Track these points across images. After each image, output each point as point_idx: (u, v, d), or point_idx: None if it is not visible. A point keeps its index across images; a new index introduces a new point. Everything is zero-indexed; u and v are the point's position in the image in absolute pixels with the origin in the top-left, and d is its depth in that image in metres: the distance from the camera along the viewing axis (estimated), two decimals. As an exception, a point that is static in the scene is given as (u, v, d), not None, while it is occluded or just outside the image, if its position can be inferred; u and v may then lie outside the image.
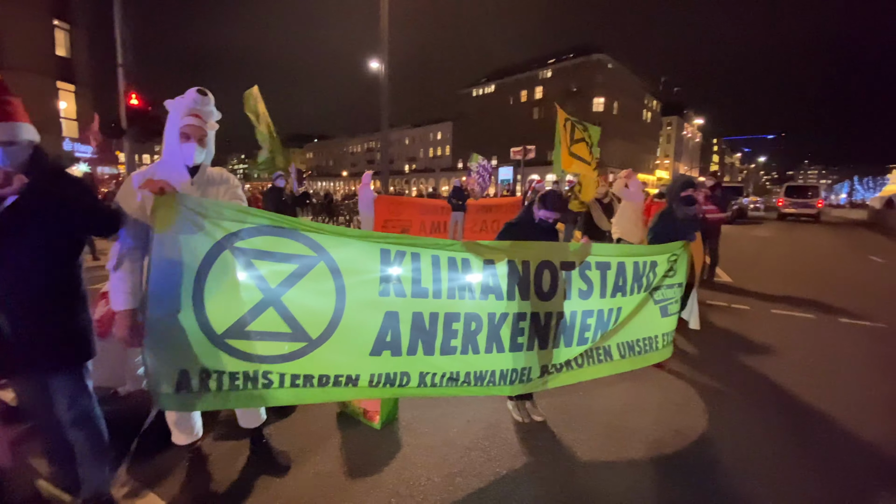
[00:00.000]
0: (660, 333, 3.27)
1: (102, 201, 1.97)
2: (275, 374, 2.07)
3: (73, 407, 1.94)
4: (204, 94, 2.14)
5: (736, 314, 5.80)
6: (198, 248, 1.93)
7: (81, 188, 1.92)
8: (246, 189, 16.14)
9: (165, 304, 1.91)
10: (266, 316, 2.03)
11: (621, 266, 3.04)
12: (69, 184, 1.86)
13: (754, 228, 19.09)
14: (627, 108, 54.24)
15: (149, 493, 2.25)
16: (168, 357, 1.95)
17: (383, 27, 14.17)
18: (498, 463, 2.59)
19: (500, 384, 2.61)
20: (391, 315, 2.26)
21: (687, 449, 2.78)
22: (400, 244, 2.30)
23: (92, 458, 2.01)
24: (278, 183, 8.26)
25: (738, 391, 3.59)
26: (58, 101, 19.84)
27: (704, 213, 7.40)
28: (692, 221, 3.78)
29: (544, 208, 2.84)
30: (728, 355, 4.37)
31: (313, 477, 2.42)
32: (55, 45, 19.70)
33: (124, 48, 8.56)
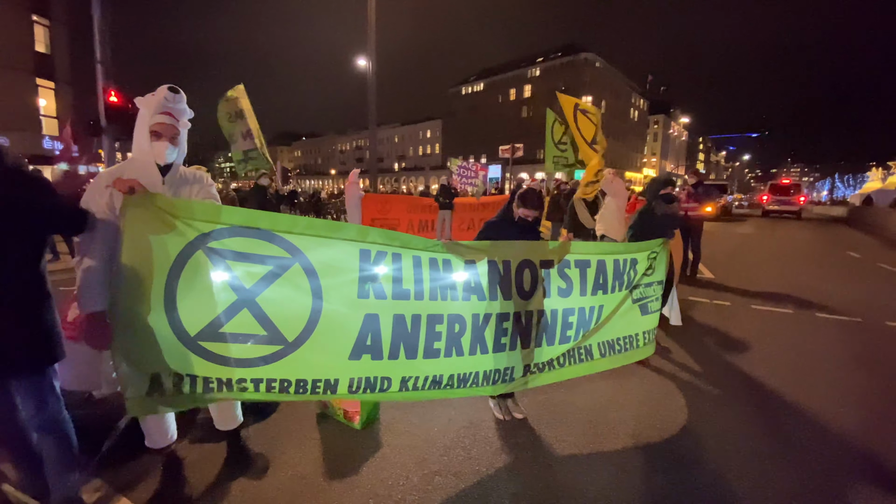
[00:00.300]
0: (640, 332, 3.31)
1: (64, 200, 1.90)
2: (249, 382, 2.03)
3: (41, 411, 1.89)
4: (176, 91, 2.10)
5: (717, 310, 5.89)
6: (169, 248, 1.90)
7: (40, 187, 1.86)
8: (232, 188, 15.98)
9: (135, 306, 1.88)
10: (240, 318, 1.99)
11: (601, 264, 3.06)
12: (27, 183, 1.80)
13: (738, 226, 19.42)
14: (615, 106, 54.72)
15: (121, 498, 2.20)
16: (139, 360, 1.92)
17: (370, 24, 14.08)
18: (477, 461, 2.60)
19: (483, 385, 2.61)
20: (371, 317, 2.22)
21: (666, 444, 2.82)
22: (381, 244, 2.27)
23: (60, 462, 1.97)
24: (262, 181, 8.16)
25: (717, 386, 3.65)
26: (37, 99, 19.37)
27: (686, 210, 7.53)
28: (671, 219, 3.83)
29: (524, 207, 2.84)
30: (708, 351, 4.43)
31: (290, 479, 2.40)
32: (34, 41, 19.20)
33: (103, 45, 8.37)
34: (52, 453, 1.95)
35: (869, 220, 20.08)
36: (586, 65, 51.12)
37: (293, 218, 2.09)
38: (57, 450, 1.95)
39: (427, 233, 9.97)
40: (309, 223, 2.10)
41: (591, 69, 51.45)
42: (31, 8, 18.79)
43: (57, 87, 20.25)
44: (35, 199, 1.77)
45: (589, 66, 51.29)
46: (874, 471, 2.60)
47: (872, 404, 3.37)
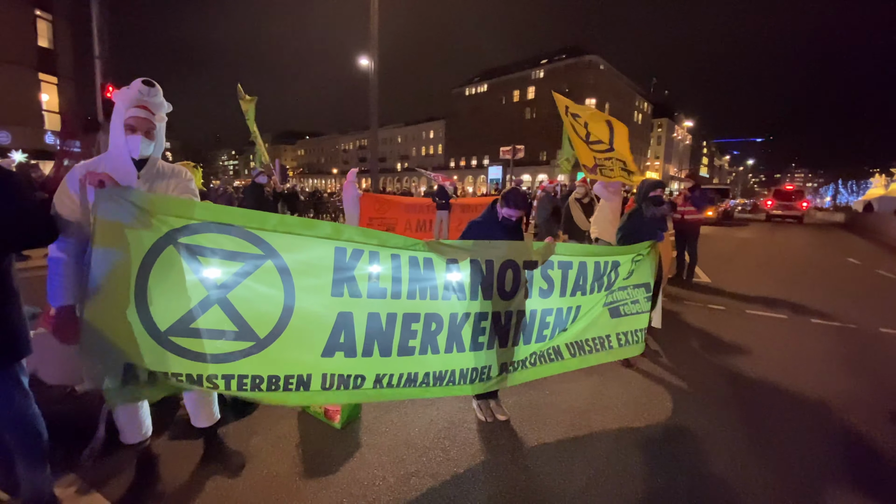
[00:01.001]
0: (613, 333, 3.26)
1: (34, 206, 1.84)
2: (220, 379, 2.01)
3: (9, 406, 1.88)
4: (151, 85, 2.09)
5: (711, 314, 5.85)
6: (141, 242, 1.88)
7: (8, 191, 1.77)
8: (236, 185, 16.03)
9: (106, 300, 1.86)
10: (211, 313, 1.97)
11: (582, 265, 3.03)
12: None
13: (739, 230, 19.34)
14: (618, 109, 54.56)
15: (94, 493, 2.19)
16: (109, 354, 1.90)
17: (373, 23, 14.08)
18: (455, 463, 2.57)
19: (459, 384, 2.59)
20: (345, 315, 2.20)
21: (648, 447, 2.79)
22: (357, 243, 2.25)
23: (30, 458, 1.95)
24: (259, 179, 8.17)
25: (703, 390, 3.61)
26: (40, 94, 19.46)
27: (683, 213, 7.50)
28: (659, 221, 3.81)
29: (507, 206, 2.82)
30: (698, 355, 4.40)
31: (265, 477, 2.38)
32: (37, 35, 19.27)
33: (102, 40, 8.39)
34: (22, 449, 1.93)
35: (869, 227, 20.00)
36: (590, 67, 51.05)
37: (265, 215, 2.06)
38: (26, 446, 1.94)
39: (424, 233, 9.95)
40: (281, 220, 2.08)
41: (595, 71, 51.37)
42: (34, 2, 18.88)
43: (59, 81, 20.33)
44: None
45: (593, 68, 51.22)
46: (857, 475, 2.56)
47: (858, 410, 3.33)
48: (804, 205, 25.24)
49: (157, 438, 2.52)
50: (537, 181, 46.04)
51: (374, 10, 13.87)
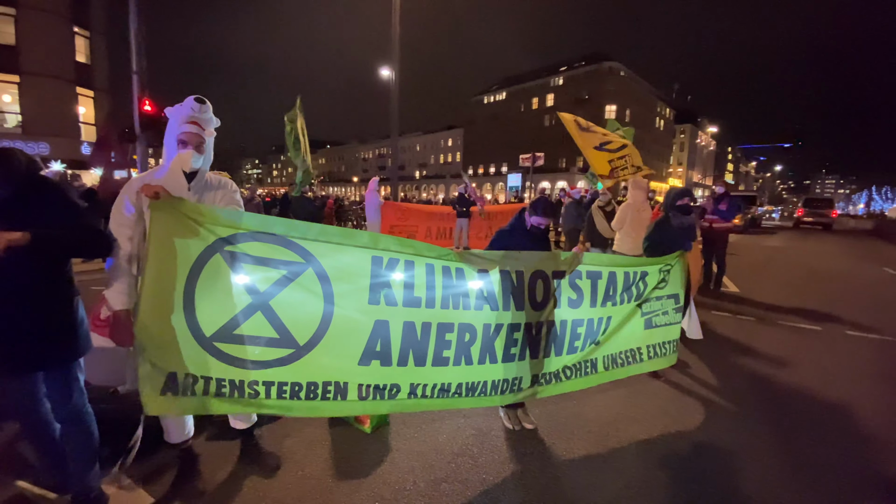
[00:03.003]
0: (644, 345, 3.25)
1: (91, 221, 1.93)
2: (261, 385, 2.08)
3: (66, 403, 2.00)
4: (202, 102, 2.21)
5: (740, 325, 5.72)
6: (190, 251, 1.99)
7: (66, 208, 1.88)
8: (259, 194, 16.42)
9: (157, 305, 1.97)
10: (254, 320, 2.06)
11: (612, 276, 3.04)
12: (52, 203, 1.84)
13: (767, 238, 18.79)
14: (640, 115, 53.91)
15: (139, 490, 2.30)
16: (158, 357, 2.00)
17: (394, 34, 14.36)
18: (484, 470, 2.59)
19: (491, 395, 2.62)
20: (381, 324, 2.26)
21: (677, 460, 2.75)
22: (393, 252, 2.31)
23: (82, 454, 2.06)
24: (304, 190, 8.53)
25: (734, 403, 3.54)
26: (77, 106, 20.41)
27: (711, 222, 7.34)
28: (687, 230, 3.76)
29: (536, 215, 2.85)
30: (728, 366, 4.31)
31: (300, 478, 2.45)
32: (75, 51, 20.28)
33: (139, 56, 8.81)
34: (74, 445, 2.05)
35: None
36: (610, 73, 50.67)
37: (308, 224, 2.15)
38: (79, 442, 2.05)
39: (444, 240, 10.02)
40: (322, 229, 2.17)
41: (616, 78, 50.95)
42: (73, 19, 19.88)
43: (95, 95, 21.30)
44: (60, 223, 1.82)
45: (613, 74, 50.83)
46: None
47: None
48: (833, 214, 26.97)
49: (197, 438, 2.61)
50: (556, 188, 45.79)
51: (396, 20, 14.15)
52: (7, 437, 2.65)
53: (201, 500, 2.26)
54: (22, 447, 2.54)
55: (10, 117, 18.54)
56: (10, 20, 18.00)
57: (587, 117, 7.45)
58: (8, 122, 18.45)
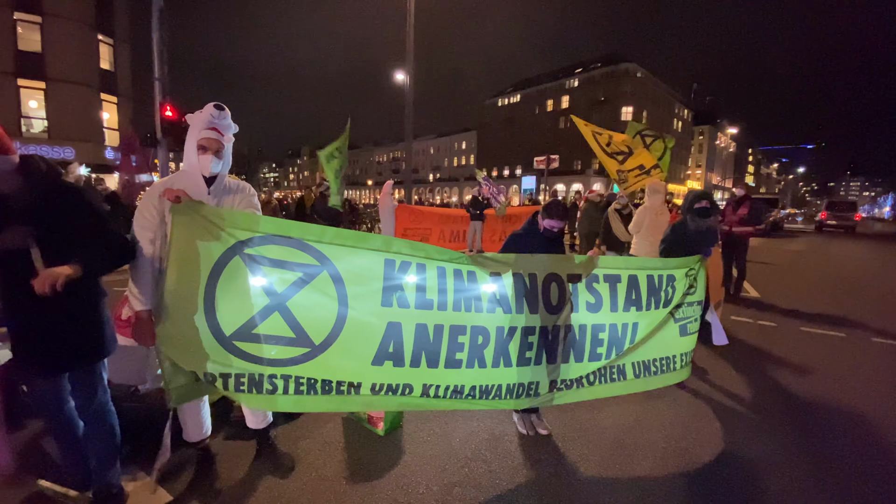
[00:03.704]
0: (678, 353, 3.16)
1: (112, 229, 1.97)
2: (279, 379, 2.14)
3: (90, 402, 2.05)
4: (221, 108, 2.25)
5: (761, 331, 5.58)
6: (211, 253, 2.04)
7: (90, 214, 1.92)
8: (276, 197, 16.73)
9: (178, 306, 2.02)
10: (272, 320, 2.10)
11: (633, 279, 2.97)
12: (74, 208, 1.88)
13: (789, 242, 18.32)
14: (657, 117, 53.23)
15: (157, 488, 2.34)
16: (180, 356, 2.05)
17: (409, 41, 14.47)
18: (498, 475, 2.58)
19: (506, 398, 2.59)
20: (394, 325, 2.28)
21: (695, 469, 2.70)
22: (405, 255, 2.33)
23: (104, 452, 2.12)
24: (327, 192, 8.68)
25: (755, 412, 3.45)
26: (101, 112, 21.05)
27: (731, 226, 7.15)
28: (706, 234, 3.68)
29: (549, 217, 2.83)
30: (749, 374, 4.20)
31: (314, 480, 2.47)
32: (100, 58, 20.94)
33: (161, 63, 9.06)
34: (97, 443, 2.10)
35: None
36: (627, 75, 50.17)
37: (322, 228, 2.19)
38: (101, 440, 2.11)
39: (458, 243, 10.02)
40: (337, 233, 2.19)
41: (633, 79, 50.41)
42: (97, 27, 20.56)
43: (119, 101, 21.95)
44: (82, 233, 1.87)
45: (630, 76, 50.31)
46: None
47: (935, 440, 3.09)
48: (856, 217, 27.13)
49: (214, 437, 2.66)
50: (571, 191, 45.41)
51: (411, 26, 14.25)
52: (29, 434, 2.74)
53: (218, 498, 2.30)
54: (44, 444, 2.62)
55: (37, 122, 19.21)
56: (36, 28, 18.71)
57: (603, 119, 7.42)
58: (35, 127, 19.12)
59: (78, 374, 2.00)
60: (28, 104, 19.02)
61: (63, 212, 1.86)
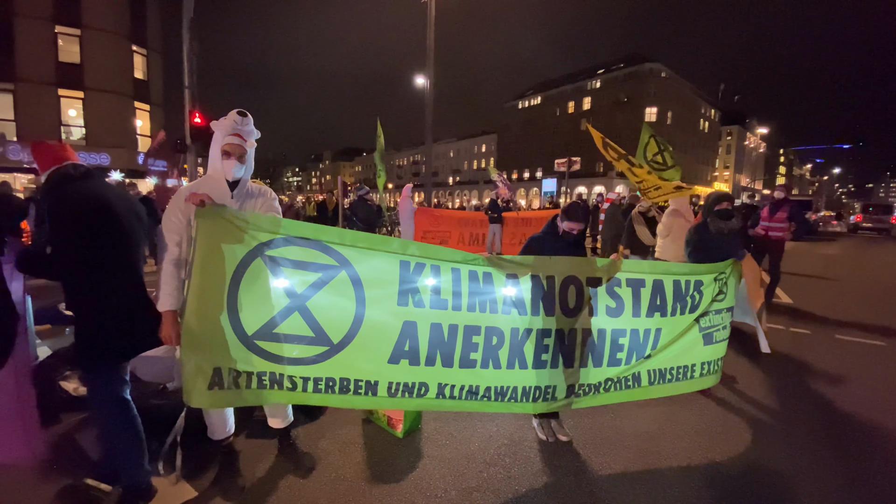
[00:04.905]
0: (698, 362, 3.07)
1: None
2: (298, 379, 2.18)
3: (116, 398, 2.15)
4: (244, 115, 2.32)
5: (794, 338, 5.36)
6: (234, 254, 2.09)
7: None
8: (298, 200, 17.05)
9: (203, 306, 2.08)
10: (292, 320, 2.15)
11: (658, 284, 2.90)
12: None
13: (824, 245, 17.58)
14: (682, 117, 52.05)
15: (184, 483, 2.40)
16: (203, 355, 2.10)
17: (430, 46, 14.58)
18: (517, 481, 2.55)
19: (522, 401, 2.57)
20: (409, 325, 2.31)
21: (722, 480, 2.60)
22: (420, 257, 2.35)
23: (129, 449, 2.19)
24: (365, 195, 9.06)
25: (786, 422, 3.31)
26: (135, 120, 21.95)
27: (767, 230, 6.85)
28: (728, 237, 3.56)
29: (568, 220, 2.79)
30: (780, 382, 4.04)
31: (334, 480, 2.49)
32: (133, 68, 21.86)
33: (190, 72, 9.38)
34: (122, 441, 2.18)
35: None
36: (651, 75, 49.23)
37: (341, 230, 2.25)
38: (127, 438, 2.18)
39: (477, 246, 9.99)
40: (355, 236, 2.24)
41: (657, 79, 49.43)
42: (132, 39, 21.55)
43: (151, 108, 22.85)
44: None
45: (654, 76, 49.35)
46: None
47: None
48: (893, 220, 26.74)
49: (237, 435, 2.71)
50: (593, 193, 44.75)
51: (431, 32, 14.36)
52: (64, 429, 2.86)
53: (241, 496, 2.34)
54: (78, 439, 2.73)
55: (76, 130, 20.17)
56: (75, 40, 19.70)
57: (626, 121, 7.22)
58: (73, 134, 20.08)
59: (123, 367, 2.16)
60: (68, 113, 20.00)
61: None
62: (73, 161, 2.12)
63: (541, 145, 54.84)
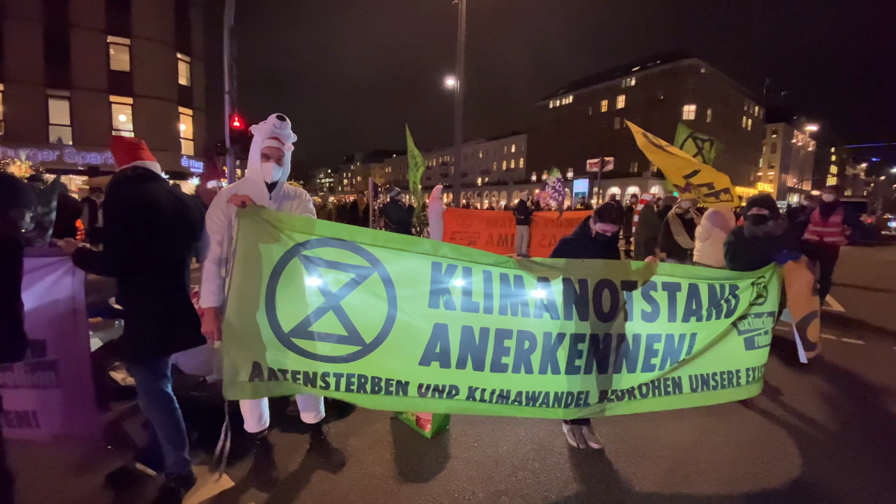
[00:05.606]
0: (743, 368, 2.93)
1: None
2: (331, 377, 2.23)
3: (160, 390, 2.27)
4: (282, 119, 2.39)
5: (846, 349, 5.03)
6: (272, 254, 2.16)
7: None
8: (331, 201, 17.48)
9: (242, 303, 2.16)
10: (326, 319, 2.20)
11: (694, 288, 2.80)
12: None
13: (880, 251, 16.42)
14: (723, 115, 49.89)
15: (222, 474, 2.49)
16: (243, 350, 2.18)
17: (460, 47, 14.60)
18: (546, 487, 2.50)
19: (553, 406, 2.53)
20: (440, 327, 2.31)
21: (765, 498, 2.47)
22: (451, 259, 2.35)
23: (172, 438, 2.30)
24: (396, 196, 9.28)
25: (836, 438, 3.11)
26: (179, 124, 23.09)
27: (822, 235, 6.43)
28: (764, 241, 3.38)
29: (601, 221, 2.73)
30: (830, 396, 3.80)
31: (363, 477, 2.53)
32: (178, 75, 23.01)
33: (231, 78, 9.77)
34: (165, 430, 2.29)
35: None
36: (689, 71, 47.44)
37: (374, 232, 2.29)
38: (170, 427, 2.29)
39: (506, 247, 9.92)
40: (387, 237, 2.27)
41: (695, 76, 47.58)
42: (177, 47, 22.77)
43: (194, 113, 23.98)
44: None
45: (692, 72, 47.53)
46: None
47: None
48: None
49: (272, 429, 2.79)
50: (627, 194, 43.57)
51: (462, 26, 14.37)
52: (115, 416, 3.02)
53: (274, 487, 2.42)
54: (128, 426, 2.89)
55: (125, 135, 21.41)
56: (125, 49, 21.04)
57: (663, 119, 6.98)
58: (123, 139, 21.33)
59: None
60: (118, 118, 21.26)
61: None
62: (148, 160, 2.27)
63: (572, 145, 53.84)
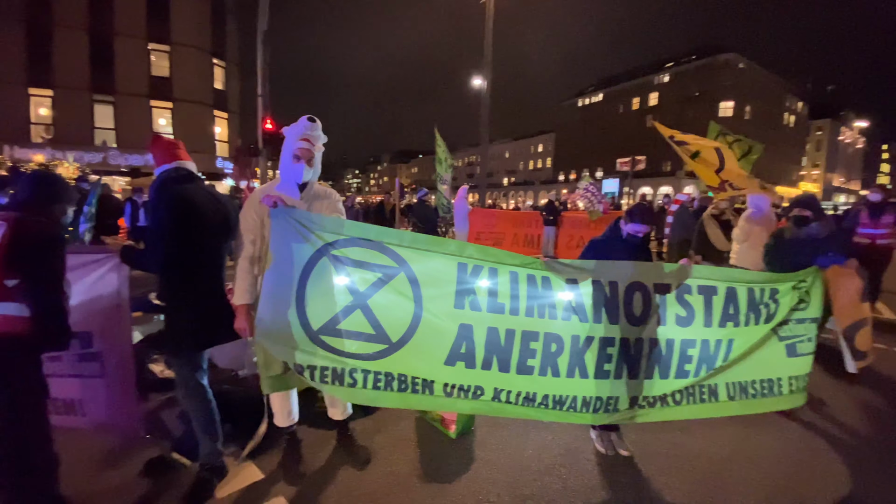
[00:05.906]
0: (785, 376, 2.79)
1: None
2: (359, 374, 2.26)
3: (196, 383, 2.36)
4: (313, 120, 2.44)
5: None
6: (302, 253, 2.21)
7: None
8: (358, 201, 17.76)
9: (275, 301, 2.21)
10: (354, 317, 2.24)
11: (731, 292, 2.68)
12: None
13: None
14: (763, 112, 47.67)
15: (251, 465, 2.58)
16: (275, 346, 2.24)
17: (487, 46, 14.55)
18: (573, 494, 2.46)
19: (581, 411, 2.48)
20: (465, 328, 2.31)
21: (809, 515, 2.35)
22: (477, 259, 2.34)
23: (206, 430, 2.38)
24: (424, 196, 9.70)
25: (884, 454, 2.92)
26: (214, 127, 24.00)
27: (874, 238, 6.06)
28: (806, 243, 3.20)
29: (632, 222, 2.65)
30: (878, 409, 3.58)
31: (388, 475, 2.55)
32: (214, 79, 23.91)
33: (264, 81, 10.07)
34: (200, 423, 2.38)
35: None
36: (726, 67, 45.55)
37: (400, 232, 2.32)
38: (204, 419, 2.37)
39: (532, 248, 9.81)
40: (414, 237, 2.29)
41: (733, 71, 45.65)
42: (213, 52, 23.69)
43: (228, 116, 24.86)
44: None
45: (730, 68, 45.62)
46: None
47: None
48: None
49: (300, 424, 2.84)
50: (659, 194, 42.31)
51: (489, 24, 14.30)
52: (153, 407, 3.16)
53: (302, 481, 2.47)
54: (165, 417, 3.01)
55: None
56: (165, 56, 22.07)
57: (698, 116, 6.74)
58: (163, 142, 22.37)
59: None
60: (158, 122, 22.28)
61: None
62: (185, 160, 2.35)
63: (602, 144, 52.67)
